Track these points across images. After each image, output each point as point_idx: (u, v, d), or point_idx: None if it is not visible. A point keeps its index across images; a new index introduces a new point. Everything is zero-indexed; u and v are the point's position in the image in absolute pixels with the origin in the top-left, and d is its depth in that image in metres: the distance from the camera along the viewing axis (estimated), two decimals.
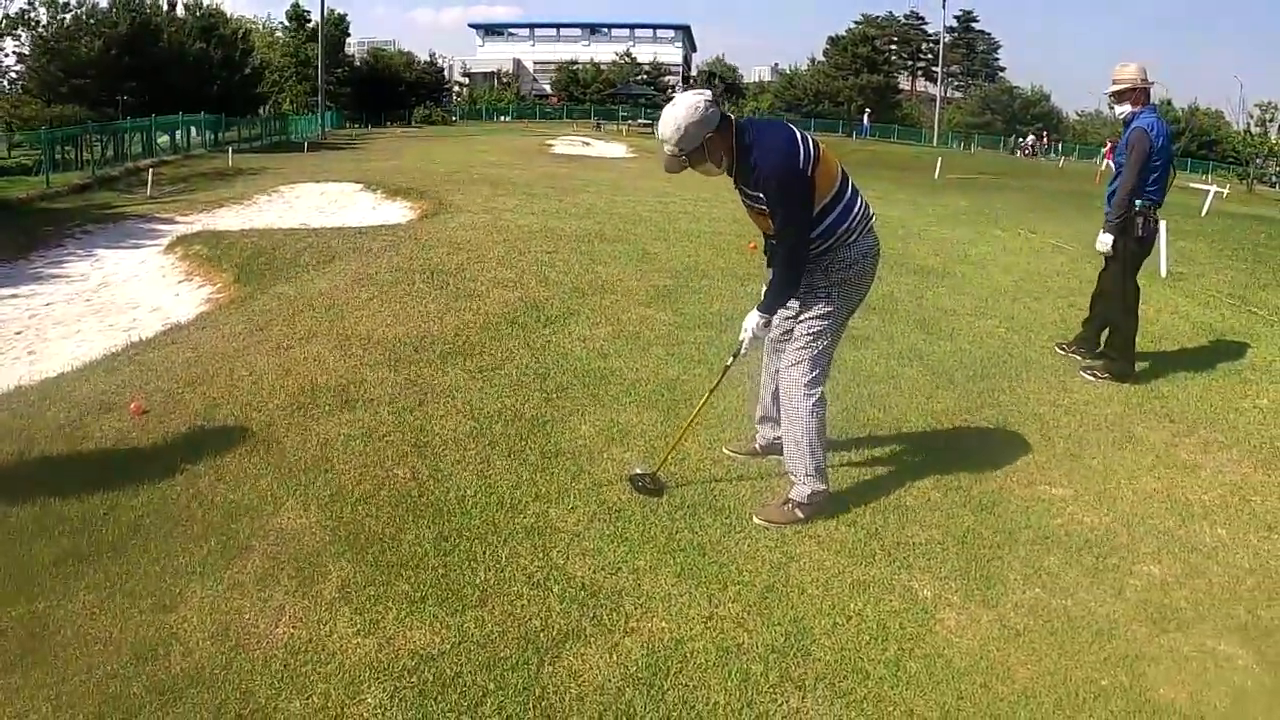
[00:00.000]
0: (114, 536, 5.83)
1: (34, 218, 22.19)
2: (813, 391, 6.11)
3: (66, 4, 54.32)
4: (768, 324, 6.17)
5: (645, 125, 77.45)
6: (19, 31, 49.70)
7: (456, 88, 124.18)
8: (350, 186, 25.69)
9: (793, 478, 6.20)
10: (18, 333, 12.50)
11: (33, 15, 50.93)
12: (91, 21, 54.52)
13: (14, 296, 14.56)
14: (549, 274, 12.31)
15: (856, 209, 5.95)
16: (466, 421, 7.55)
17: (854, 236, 5.96)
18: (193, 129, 44.94)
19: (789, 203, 5.73)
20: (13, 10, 48.47)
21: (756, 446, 7.04)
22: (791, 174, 5.66)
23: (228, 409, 7.89)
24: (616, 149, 53.34)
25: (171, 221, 21.58)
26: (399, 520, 6.00)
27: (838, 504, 6.32)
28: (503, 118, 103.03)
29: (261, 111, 69.38)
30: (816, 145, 5.83)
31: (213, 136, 47.26)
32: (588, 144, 56.68)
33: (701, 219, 18.56)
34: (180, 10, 63.82)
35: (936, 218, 21.23)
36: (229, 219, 21.84)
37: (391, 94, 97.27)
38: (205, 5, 65.65)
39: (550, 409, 7.86)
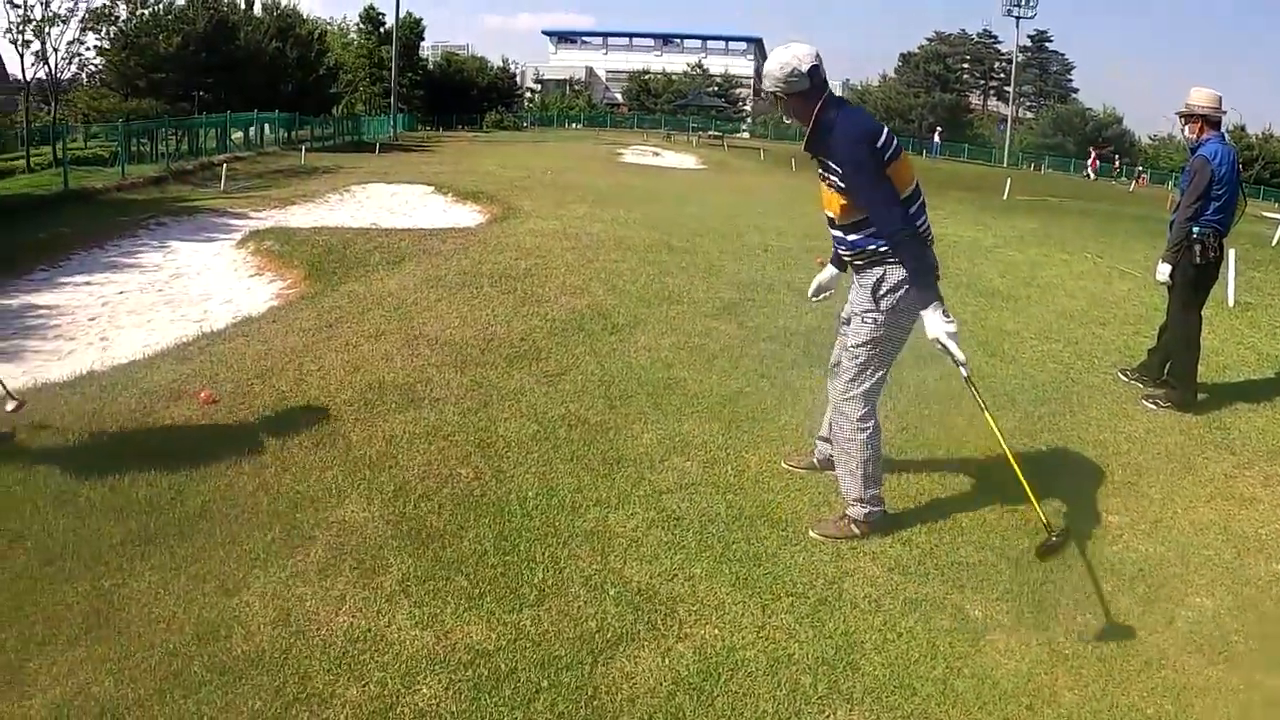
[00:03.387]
0: (180, 520, 6.00)
1: (110, 208, 22.51)
2: (865, 426, 6.08)
3: (145, 0, 54.78)
4: (945, 311, 5.77)
5: (715, 137, 77.35)
6: (100, 26, 50.09)
7: (528, 94, 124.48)
8: (421, 189, 25.89)
9: (851, 497, 6.22)
10: (91, 319, 12.69)
11: (114, 11, 51.35)
12: (170, 18, 55.06)
13: (88, 284, 14.78)
14: (617, 282, 12.41)
15: (919, 224, 5.92)
16: (530, 425, 7.65)
17: None
18: (266, 126, 45.35)
19: (863, 173, 5.65)
20: (95, 4, 48.87)
21: (815, 460, 7.02)
22: (864, 145, 5.62)
23: (295, 402, 8.06)
24: (686, 160, 53.35)
25: (244, 217, 21.86)
26: (460, 518, 6.11)
27: (894, 521, 6.32)
28: (574, 125, 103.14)
29: (334, 112, 69.87)
30: (899, 144, 5.82)
31: (286, 134, 47.72)
32: (658, 154, 56.73)
33: (769, 233, 18.52)
34: (258, 9, 64.35)
35: (1004, 239, 21.06)
36: (301, 216, 22.09)
37: (464, 98, 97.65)
38: (282, 5, 66.17)
39: (614, 416, 7.94)
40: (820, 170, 5.93)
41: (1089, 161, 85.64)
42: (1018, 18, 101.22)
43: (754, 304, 11.97)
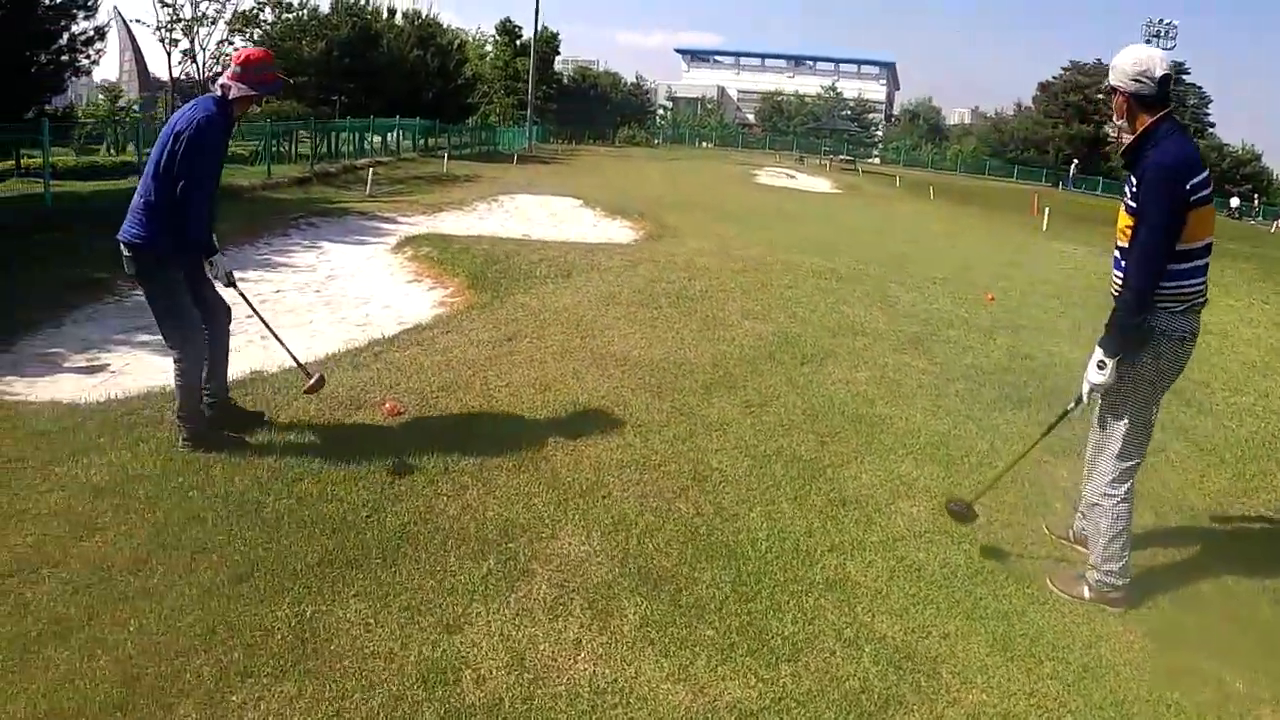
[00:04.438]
0: (380, 542, 5.69)
1: (257, 205, 22.62)
2: (1113, 492, 5.71)
3: (290, 5, 55.78)
4: (1103, 364, 5.50)
5: (847, 161, 77.00)
6: (246, 29, 51.04)
7: (661, 111, 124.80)
8: (570, 201, 26.01)
9: (1090, 560, 5.84)
10: (248, 315, 12.55)
11: (260, 14, 52.39)
12: (314, 24, 55.97)
13: (241, 280, 14.49)
14: (796, 310, 12.24)
15: (1197, 281, 5.48)
16: (743, 459, 7.31)
17: (1180, 307, 5.47)
18: (402, 132, 45.68)
19: (1156, 203, 5.25)
20: (243, 7, 49.99)
21: (1070, 532, 6.59)
22: (1173, 182, 5.22)
23: (487, 420, 7.80)
24: (821, 183, 53.17)
25: (394, 221, 21.99)
26: (691, 559, 5.75)
27: (1135, 584, 5.88)
28: (704, 144, 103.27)
29: (469, 121, 70.39)
30: (1211, 194, 5.43)
31: (423, 142, 48.01)
32: (792, 176, 56.65)
33: (929, 264, 18.31)
34: (399, 18, 65.15)
35: None
36: (451, 223, 22.21)
37: (597, 113, 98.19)
38: (423, 15, 66.96)
39: (826, 454, 7.60)
40: (1125, 185, 5.59)
41: None
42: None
43: (938, 339, 11.70)
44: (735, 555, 5.83)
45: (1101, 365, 5.46)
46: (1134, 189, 5.38)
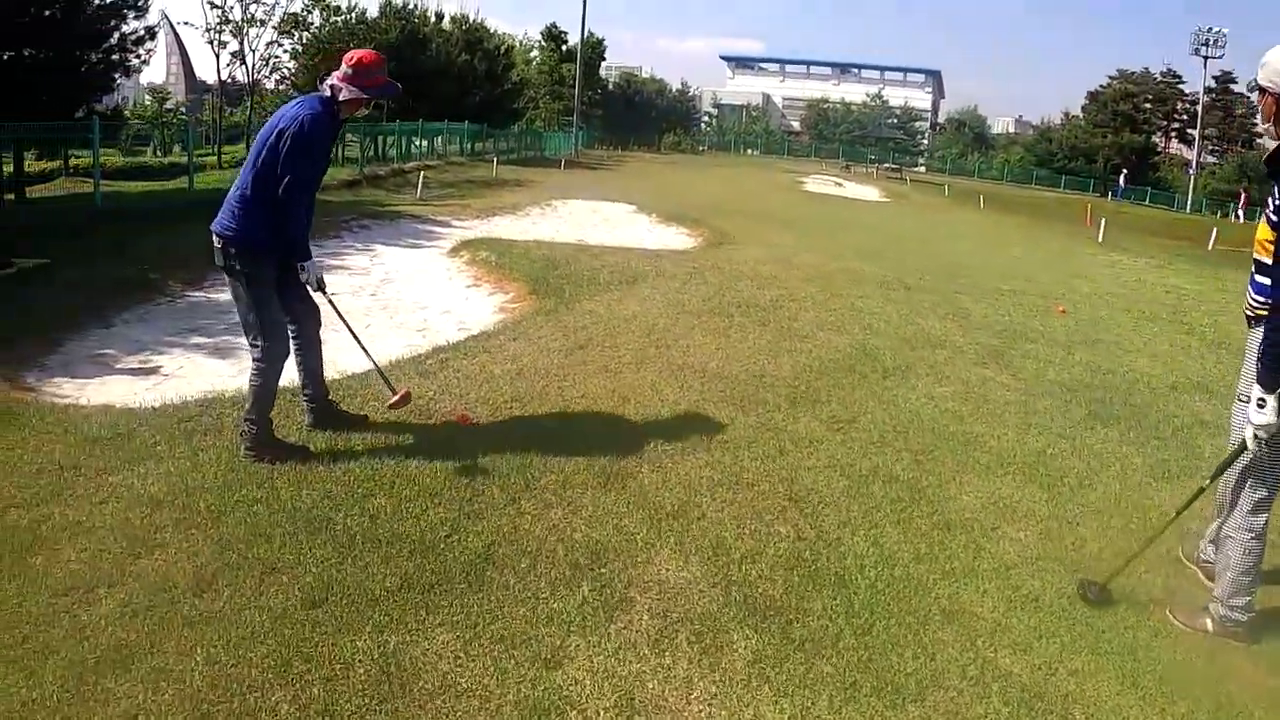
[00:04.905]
0: (464, 566, 5.37)
1: None
2: (1253, 524, 5.34)
3: (338, 8, 55.77)
4: (1263, 401, 4.99)
5: (893, 169, 76.76)
6: (294, 32, 51.06)
7: (706, 118, 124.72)
8: (623, 207, 25.87)
9: (1215, 593, 5.50)
10: None
11: (308, 17, 52.36)
12: (362, 27, 55.85)
13: None
14: (870, 321, 12.00)
15: None
16: (839, 478, 6.98)
17: None
18: (450, 136, 45.67)
19: None
20: (295, 8, 50.00)
21: (1198, 555, 6.24)
22: None
23: (565, 433, 7.50)
24: (869, 191, 53.00)
25: (448, 225, 21.90)
26: (798, 587, 5.42)
27: (1260, 615, 5.53)
28: (750, 151, 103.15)
29: (515, 126, 70.34)
30: None
31: (470, 146, 47.97)
32: (840, 184, 56.63)
33: (992, 274, 18.08)
34: (446, 23, 65.09)
35: (1234, 295, 20.02)
36: (506, 227, 22.08)
37: (643, 119, 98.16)
38: (471, 20, 66.91)
39: (923, 474, 7.25)
40: (1270, 196, 5.15)
41: (1240, 203, 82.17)
42: (1205, 57, 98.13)
43: (1017, 353, 11.41)
44: (845, 584, 5.50)
45: (1262, 404, 4.98)
46: (1277, 200, 5.00)
